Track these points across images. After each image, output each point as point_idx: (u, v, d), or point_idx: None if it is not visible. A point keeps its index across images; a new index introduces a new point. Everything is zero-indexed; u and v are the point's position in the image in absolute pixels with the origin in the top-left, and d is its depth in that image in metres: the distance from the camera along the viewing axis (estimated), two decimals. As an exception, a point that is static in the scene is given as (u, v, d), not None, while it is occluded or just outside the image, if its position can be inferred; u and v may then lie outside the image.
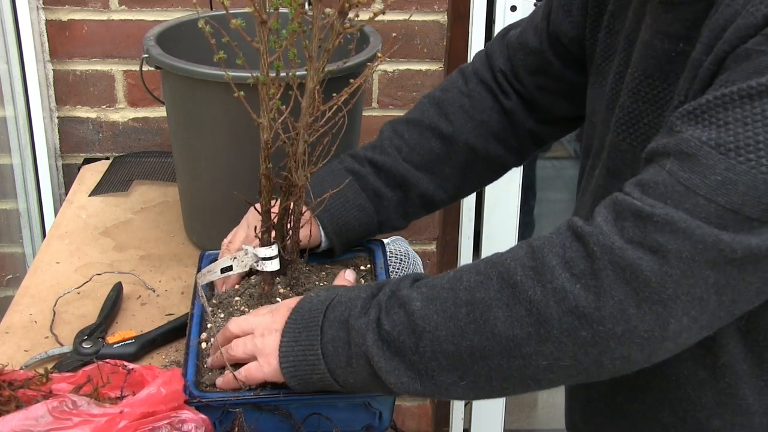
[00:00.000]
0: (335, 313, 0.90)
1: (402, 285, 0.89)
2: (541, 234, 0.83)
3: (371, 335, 0.86)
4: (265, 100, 1.01)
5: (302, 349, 0.90)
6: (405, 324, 0.84)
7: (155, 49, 1.37)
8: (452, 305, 0.83)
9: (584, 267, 0.77)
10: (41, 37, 1.84)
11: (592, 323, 0.76)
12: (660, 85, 0.92)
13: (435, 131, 1.19)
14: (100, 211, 1.63)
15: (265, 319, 0.97)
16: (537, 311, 0.78)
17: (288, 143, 1.05)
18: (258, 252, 1.08)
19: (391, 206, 1.19)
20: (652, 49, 0.93)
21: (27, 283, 1.40)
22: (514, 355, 0.80)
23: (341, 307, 0.90)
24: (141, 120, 1.92)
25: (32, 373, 1.01)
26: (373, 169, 1.18)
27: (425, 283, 0.87)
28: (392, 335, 0.85)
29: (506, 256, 0.83)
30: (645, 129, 0.94)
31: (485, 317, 0.80)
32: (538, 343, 0.78)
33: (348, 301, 0.90)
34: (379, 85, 1.93)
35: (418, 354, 0.84)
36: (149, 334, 1.22)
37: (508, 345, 0.80)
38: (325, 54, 1.01)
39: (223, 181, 1.38)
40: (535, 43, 1.17)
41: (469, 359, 0.82)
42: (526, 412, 2.78)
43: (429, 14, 1.88)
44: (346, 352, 0.88)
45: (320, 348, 0.89)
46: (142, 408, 0.90)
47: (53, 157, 1.92)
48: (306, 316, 0.92)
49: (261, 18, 0.96)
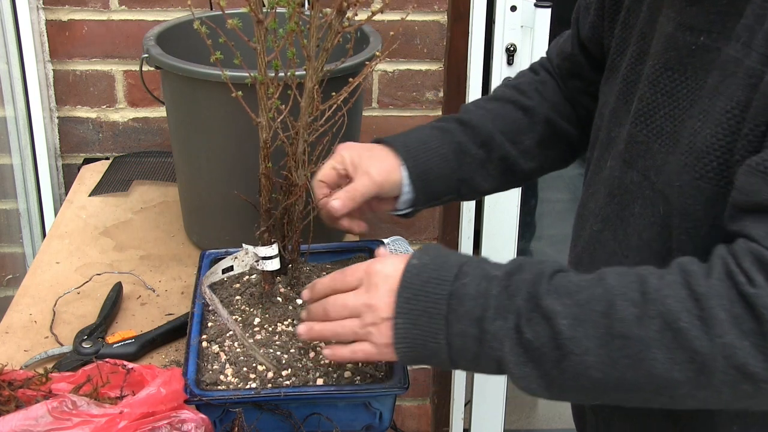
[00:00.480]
0: (464, 307, 0.85)
1: (541, 290, 0.84)
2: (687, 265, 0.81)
3: (509, 342, 0.83)
4: (264, 100, 1.01)
5: (422, 334, 0.87)
6: (549, 339, 0.82)
7: (155, 49, 1.37)
8: (606, 334, 0.80)
9: (753, 327, 0.77)
10: (41, 37, 1.84)
11: (757, 381, 0.77)
12: (679, 77, 0.93)
13: (517, 104, 1.23)
14: (100, 211, 1.63)
15: (364, 299, 0.91)
16: (701, 362, 0.78)
17: (287, 143, 1.06)
18: (258, 251, 1.08)
19: (474, 164, 1.19)
20: (674, 42, 0.93)
21: (27, 283, 1.40)
22: (664, 394, 0.80)
23: (471, 302, 0.85)
24: (141, 120, 1.92)
25: (32, 373, 1.01)
26: (459, 125, 1.20)
27: (568, 294, 0.83)
28: (534, 345, 0.82)
29: (667, 293, 0.80)
30: (661, 121, 0.94)
31: (642, 356, 0.79)
32: (694, 388, 0.79)
33: (478, 295, 0.85)
34: (379, 85, 1.93)
35: (559, 370, 0.82)
36: (149, 334, 1.22)
37: (663, 385, 0.80)
38: (324, 53, 1.01)
39: (223, 181, 1.38)
40: (568, 49, 1.21)
41: (613, 388, 0.81)
42: (526, 412, 2.78)
43: (429, 14, 1.88)
44: (476, 349, 0.85)
45: (446, 339, 0.86)
46: (142, 408, 0.90)
47: (53, 157, 1.92)
48: (423, 300, 0.87)
49: (257, 17, 0.96)
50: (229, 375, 1.02)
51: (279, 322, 1.09)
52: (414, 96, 1.95)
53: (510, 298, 0.84)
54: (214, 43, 0.97)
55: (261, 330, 1.08)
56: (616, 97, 1.04)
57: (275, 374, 1.01)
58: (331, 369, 1.02)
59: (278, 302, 1.11)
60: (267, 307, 1.11)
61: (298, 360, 1.03)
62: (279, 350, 1.04)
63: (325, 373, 1.02)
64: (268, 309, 1.10)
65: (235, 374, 1.02)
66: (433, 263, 0.89)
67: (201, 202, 1.46)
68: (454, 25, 1.92)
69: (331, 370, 1.02)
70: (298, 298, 1.12)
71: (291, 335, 1.07)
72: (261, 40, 0.97)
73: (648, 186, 0.94)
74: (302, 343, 1.05)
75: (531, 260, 0.88)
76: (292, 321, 1.09)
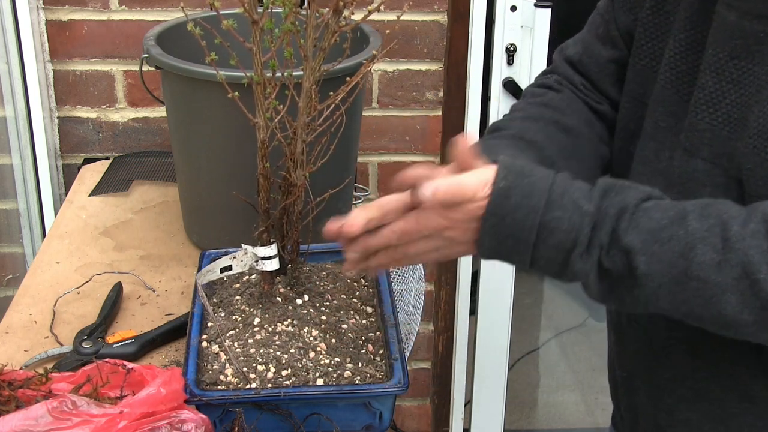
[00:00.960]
0: (554, 239, 0.87)
1: (622, 226, 0.86)
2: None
3: (592, 275, 0.88)
4: (261, 100, 1.01)
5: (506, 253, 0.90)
6: (625, 269, 0.86)
7: (155, 49, 1.37)
8: (682, 274, 0.84)
9: None
10: (41, 37, 1.84)
11: None
12: (746, 65, 0.93)
13: (558, 125, 1.13)
14: (100, 211, 1.63)
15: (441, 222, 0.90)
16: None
17: (285, 143, 1.06)
18: (257, 251, 1.08)
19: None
20: (739, 30, 0.94)
21: (27, 283, 1.40)
22: (729, 330, 0.85)
23: (561, 235, 0.87)
24: (141, 120, 1.92)
25: (32, 373, 1.01)
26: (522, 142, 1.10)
27: (649, 231, 0.85)
28: (611, 273, 0.86)
29: (749, 243, 0.82)
30: (727, 108, 0.95)
31: (716, 299, 0.83)
32: (760, 329, 0.84)
33: (570, 229, 0.86)
34: (379, 85, 1.93)
35: (631, 297, 0.87)
36: (149, 334, 1.22)
37: (730, 323, 0.84)
38: (321, 53, 1.01)
39: (223, 181, 1.38)
40: (603, 53, 1.14)
41: (680, 316, 0.86)
42: (526, 412, 2.78)
43: (429, 14, 1.88)
44: (557, 270, 0.89)
45: (530, 258, 0.88)
46: (142, 408, 0.90)
47: (53, 157, 1.92)
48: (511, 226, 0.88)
49: (252, 18, 0.96)
50: (229, 375, 1.02)
51: (279, 322, 1.09)
52: (414, 96, 1.95)
53: (596, 232, 0.87)
54: (210, 44, 0.97)
55: (261, 330, 1.08)
56: (662, 86, 1.03)
57: (274, 375, 1.01)
58: (331, 369, 1.02)
59: (278, 302, 1.11)
60: (267, 307, 1.11)
61: (298, 360, 1.03)
62: (279, 350, 1.04)
63: (325, 373, 1.02)
64: (268, 309, 1.11)
65: (235, 374, 1.02)
66: (520, 187, 0.88)
67: (201, 202, 1.46)
68: (454, 25, 1.92)
69: (331, 371, 1.02)
70: (297, 298, 1.12)
71: (291, 335, 1.07)
72: (257, 40, 0.97)
73: (719, 173, 0.95)
74: (302, 343, 1.05)
75: (618, 187, 0.89)
76: (292, 321, 1.09)
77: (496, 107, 2.00)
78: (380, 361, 1.05)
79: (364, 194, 1.96)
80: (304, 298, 1.13)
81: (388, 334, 1.07)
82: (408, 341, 1.43)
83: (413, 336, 1.48)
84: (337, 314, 1.11)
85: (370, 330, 1.10)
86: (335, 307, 1.12)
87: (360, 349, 1.06)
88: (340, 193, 1.19)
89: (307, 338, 1.06)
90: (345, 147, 1.24)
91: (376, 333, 1.10)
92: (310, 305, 1.12)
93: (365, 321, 1.12)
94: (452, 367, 2.25)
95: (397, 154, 2.01)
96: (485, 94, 2.00)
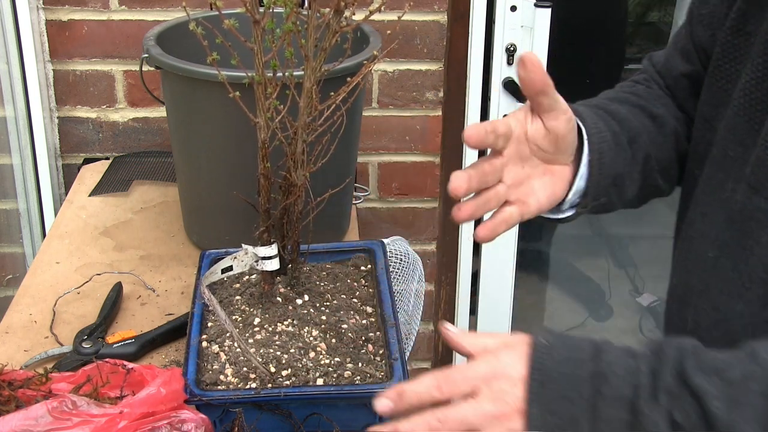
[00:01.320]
0: (613, 389, 0.75)
1: (687, 366, 0.75)
2: None
3: (664, 424, 0.75)
4: (261, 100, 1.01)
5: (560, 423, 0.76)
6: (701, 421, 0.74)
7: (155, 49, 1.37)
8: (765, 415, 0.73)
9: None
10: (41, 37, 1.84)
11: None
12: None
13: (644, 110, 1.07)
14: (100, 211, 1.63)
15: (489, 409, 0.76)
16: None
17: (285, 143, 1.06)
18: (258, 251, 1.08)
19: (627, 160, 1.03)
20: None
21: (27, 283, 1.40)
22: None
23: (619, 382, 0.75)
24: (141, 120, 1.92)
25: (32, 373, 1.01)
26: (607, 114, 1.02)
27: (716, 371, 0.75)
28: (685, 428, 0.74)
29: None
30: None
31: None
32: None
33: (627, 374, 0.76)
34: (379, 85, 1.93)
35: None
36: (149, 334, 1.22)
37: None
38: (322, 53, 1.01)
39: (223, 181, 1.38)
40: (680, 66, 1.10)
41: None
42: (527, 411, 2.77)
43: (429, 14, 1.89)
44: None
45: (590, 424, 0.76)
46: (142, 408, 0.90)
47: (53, 157, 1.92)
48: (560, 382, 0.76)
49: (254, 18, 0.96)
50: (229, 375, 1.02)
51: (279, 322, 1.09)
52: (414, 96, 1.95)
53: (655, 374, 0.76)
54: (211, 43, 0.97)
55: (261, 330, 1.08)
56: (734, 112, 0.95)
57: (274, 375, 1.01)
58: (331, 369, 1.02)
59: (278, 302, 1.11)
60: (267, 307, 1.11)
61: (298, 360, 1.03)
62: (279, 350, 1.04)
63: (325, 373, 1.02)
64: (268, 309, 1.11)
65: (235, 374, 1.02)
66: (562, 343, 0.78)
67: (201, 202, 1.46)
68: (454, 25, 1.92)
69: (331, 371, 1.02)
70: (298, 298, 1.12)
71: (291, 335, 1.07)
72: (258, 40, 0.97)
73: None
74: (302, 343, 1.05)
75: (666, 339, 0.79)
76: (292, 321, 1.09)
77: (496, 107, 2.00)
78: (380, 361, 1.05)
79: (364, 194, 1.96)
80: (305, 298, 1.13)
81: (388, 334, 1.07)
82: (408, 341, 1.43)
83: (413, 336, 1.48)
84: (337, 314, 1.11)
85: (370, 330, 1.10)
86: (335, 307, 1.12)
87: (360, 349, 1.06)
88: (340, 193, 1.19)
89: (307, 338, 1.06)
90: (345, 147, 1.24)
91: (376, 333, 1.10)
92: (310, 305, 1.12)
93: (365, 321, 1.12)
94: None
95: (397, 154, 2.01)
96: (485, 94, 2.00)
